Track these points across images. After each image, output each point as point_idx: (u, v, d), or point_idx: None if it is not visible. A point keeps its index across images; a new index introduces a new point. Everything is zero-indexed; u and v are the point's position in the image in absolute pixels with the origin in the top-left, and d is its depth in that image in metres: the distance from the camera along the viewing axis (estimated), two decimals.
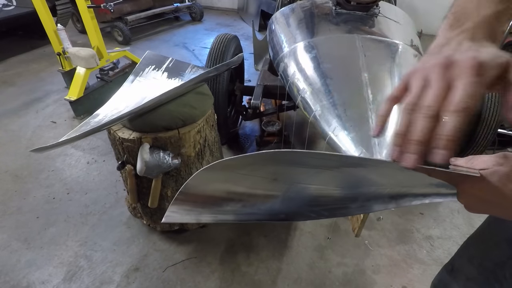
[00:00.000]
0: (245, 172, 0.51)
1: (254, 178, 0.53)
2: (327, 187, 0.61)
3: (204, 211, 0.56)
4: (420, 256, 1.53)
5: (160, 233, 1.61)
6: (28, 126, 2.47)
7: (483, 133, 1.62)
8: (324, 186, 0.61)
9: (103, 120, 1.21)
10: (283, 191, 0.59)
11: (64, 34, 2.46)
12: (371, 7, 1.52)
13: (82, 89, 2.50)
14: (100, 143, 2.27)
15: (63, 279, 1.41)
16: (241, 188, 0.55)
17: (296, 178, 0.57)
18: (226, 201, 0.57)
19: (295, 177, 0.56)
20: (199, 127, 1.30)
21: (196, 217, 0.56)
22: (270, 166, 0.51)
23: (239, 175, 0.51)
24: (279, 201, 0.61)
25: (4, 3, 3.35)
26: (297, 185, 0.58)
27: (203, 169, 0.45)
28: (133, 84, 1.44)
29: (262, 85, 1.85)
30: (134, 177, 1.32)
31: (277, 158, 0.46)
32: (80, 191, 1.87)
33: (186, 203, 0.52)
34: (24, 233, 1.62)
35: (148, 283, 1.40)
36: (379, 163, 0.45)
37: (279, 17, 1.67)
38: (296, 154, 0.44)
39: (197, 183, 0.49)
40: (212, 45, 1.86)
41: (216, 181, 0.52)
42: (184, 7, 4.92)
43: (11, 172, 2.01)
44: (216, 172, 0.48)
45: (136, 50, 3.83)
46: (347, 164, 0.53)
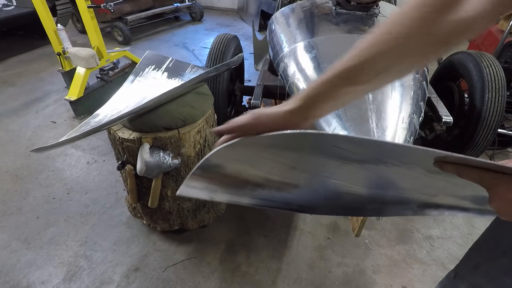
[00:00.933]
0: (266, 155, 0.49)
1: (274, 163, 0.51)
2: (348, 184, 0.58)
3: (219, 190, 0.55)
4: (420, 256, 1.53)
5: (160, 233, 1.61)
6: (28, 126, 2.47)
7: (483, 133, 1.62)
8: (345, 182, 0.58)
9: (103, 120, 1.21)
10: (301, 181, 0.57)
11: (64, 34, 2.46)
12: (371, 7, 1.53)
13: (82, 89, 2.50)
14: (100, 143, 2.27)
15: (63, 279, 1.41)
16: (259, 172, 0.53)
17: (317, 169, 0.54)
18: (243, 183, 0.55)
19: (316, 168, 0.54)
20: (199, 127, 1.30)
21: (210, 195, 0.55)
22: (292, 152, 0.49)
23: (259, 158, 0.49)
24: (296, 191, 0.59)
25: (4, 3, 3.35)
26: (316, 176, 0.56)
27: (225, 145, 0.44)
28: (133, 84, 1.44)
29: (262, 85, 1.85)
30: (134, 177, 1.32)
31: (301, 139, 0.44)
32: (80, 191, 1.87)
33: (202, 179, 0.51)
34: (24, 233, 1.62)
35: (148, 283, 1.40)
36: (416, 150, 0.38)
37: (279, 17, 1.67)
38: (322, 136, 0.43)
39: (216, 160, 0.48)
40: (212, 45, 1.86)
41: (235, 160, 0.50)
42: (184, 7, 4.92)
43: (11, 172, 2.01)
44: (237, 151, 0.47)
45: (136, 50, 3.83)
46: (378, 155, 0.48)
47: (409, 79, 1.19)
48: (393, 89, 1.11)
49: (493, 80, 1.60)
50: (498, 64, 1.66)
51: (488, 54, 1.73)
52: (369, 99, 1.06)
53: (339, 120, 1.03)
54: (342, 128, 1.01)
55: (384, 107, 1.05)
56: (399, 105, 1.08)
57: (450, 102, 1.88)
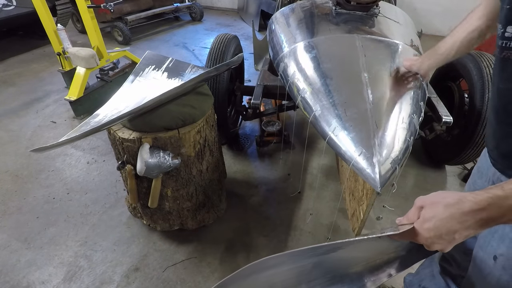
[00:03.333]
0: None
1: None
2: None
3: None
4: None
5: (160, 233, 1.61)
6: (28, 126, 2.47)
7: (483, 133, 1.62)
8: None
9: (103, 120, 1.21)
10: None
11: (64, 34, 2.46)
12: (371, 7, 1.52)
13: (82, 89, 2.50)
14: (100, 143, 2.27)
15: (63, 279, 1.41)
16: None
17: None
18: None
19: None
20: (199, 127, 1.30)
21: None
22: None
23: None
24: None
25: (4, 3, 3.35)
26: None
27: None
28: (133, 84, 1.44)
29: (262, 85, 1.85)
30: (134, 177, 1.32)
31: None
32: (80, 191, 1.87)
33: None
34: (24, 233, 1.62)
35: (148, 283, 1.40)
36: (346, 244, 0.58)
37: (279, 17, 1.67)
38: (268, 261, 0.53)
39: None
40: (212, 45, 1.86)
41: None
42: (184, 7, 4.92)
43: (11, 172, 2.01)
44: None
45: (136, 50, 3.83)
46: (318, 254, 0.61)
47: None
48: (393, 89, 1.11)
49: None
50: None
51: (488, 54, 1.73)
52: (369, 99, 1.05)
53: (339, 120, 1.03)
54: (342, 128, 1.01)
55: (384, 107, 1.05)
56: (399, 105, 1.08)
57: (450, 102, 1.88)
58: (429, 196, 0.55)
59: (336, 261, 0.67)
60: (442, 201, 0.52)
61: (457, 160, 1.86)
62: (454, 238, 0.51)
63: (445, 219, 0.50)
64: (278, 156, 2.16)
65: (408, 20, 1.67)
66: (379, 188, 0.88)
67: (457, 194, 0.52)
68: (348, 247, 0.62)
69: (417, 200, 0.57)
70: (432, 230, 0.52)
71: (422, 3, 4.46)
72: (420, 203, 0.56)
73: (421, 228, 0.53)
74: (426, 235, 0.53)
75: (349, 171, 1.57)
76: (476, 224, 0.49)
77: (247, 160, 2.14)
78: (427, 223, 0.52)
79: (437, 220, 0.51)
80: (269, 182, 1.96)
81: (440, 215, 0.51)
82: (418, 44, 1.49)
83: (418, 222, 0.54)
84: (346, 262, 0.69)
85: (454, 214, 0.50)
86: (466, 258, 0.92)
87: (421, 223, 0.53)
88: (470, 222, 0.49)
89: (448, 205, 0.51)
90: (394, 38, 1.38)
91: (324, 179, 1.97)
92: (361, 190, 1.34)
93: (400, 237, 0.57)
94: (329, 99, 1.10)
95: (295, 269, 0.63)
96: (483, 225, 0.49)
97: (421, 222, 0.54)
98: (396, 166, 0.94)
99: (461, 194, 0.51)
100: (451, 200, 0.51)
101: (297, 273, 0.65)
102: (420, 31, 2.42)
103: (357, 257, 0.69)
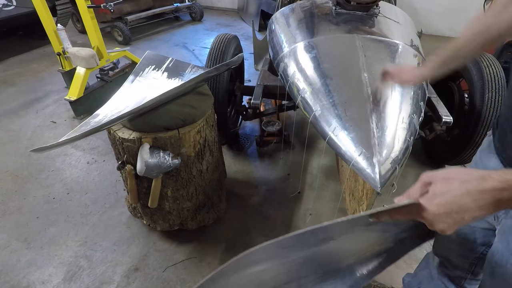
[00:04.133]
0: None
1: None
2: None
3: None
4: (420, 256, 1.52)
5: (160, 233, 1.61)
6: (28, 126, 2.47)
7: (483, 133, 1.62)
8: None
9: (103, 120, 1.21)
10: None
11: (64, 34, 2.46)
12: (371, 7, 1.52)
13: (82, 89, 2.50)
14: (100, 143, 2.27)
15: (63, 279, 1.41)
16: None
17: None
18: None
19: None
20: (199, 127, 1.30)
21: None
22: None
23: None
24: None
25: (4, 3, 3.35)
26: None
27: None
28: (133, 84, 1.44)
29: (262, 85, 1.85)
30: (134, 177, 1.32)
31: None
32: (80, 191, 1.87)
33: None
34: (24, 233, 1.62)
35: (148, 283, 1.40)
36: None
37: (279, 17, 1.67)
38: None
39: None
40: (212, 45, 1.86)
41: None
42: (184, 7, 4.92)
43: (11, 172, 2.01)
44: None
45: (136, 50, 3.83)
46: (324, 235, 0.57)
47: None
48: (393, 89, 1.11)
49: (493, 80, 1.60)
50: (498, 64, 1.66)
51: (488, 54, 1.73)
52: (369, 99, 1.06)
53: (339, 120, 1.03)
54: (342, 128, 1.01)
55: (384, 107, 1.05)
56: (399, 105, 1.08)
57: (450, 102, 1.88)
58: (441, 172, 0.51)
59: (328, 254, 0.66)
60: (459, 177, 0.48)
61: (457, 160, 1.86)
62: (463, 218, 0.48)
63: (460, 195, 0.47)
64: (278, 156, 2.16)
65: (408, 20, 1.67)
66: (379, 188, 0.88)
67: (477, 171, 0.48)
68: (339, 233, 0.60)
69: (424, 176, 0.53)
70: (442, 206, 0.48)
71: (422, 3, 4.46)
72: (428, 179, 0.52)
73: (430, 203, 0.50)
74: (434, 211, 0.49)
75: (349, 171, 1.57)
76: (490, 205, 0.46)
77: (247, 160, 2.14)
78: (439, 198, 0.49)
79: (450, 196, 0.48)
80: (269, 182, 1.96)
81: (455, 191, 0.47)
82: (418, 44, 1.49)
83: (426, 197, 0.51)
84: (337, 255, 0.68)
85: (471, 191, 0.46)
86: (463, 260, 0.91)
87: (430, 198, 0.50)
88: (486, 202, 0.46)
89: (466, 181, 0.47)
90: (394, 38, 1.38)
91: (324, 179, 1.97)
92: (361, 190, 1.34)
93: (404, 213, 0.54)
94: (329, 99, 1.10)
95: (285, 265, 0.61)
96: (497, 207, 0.46)
97: (430, 197, 0.50)
98: (396, 166, 0.94)
99: (483, 171, 0.48)
100: (470, 176, 0.47)
101: (287, 269, 0.63)
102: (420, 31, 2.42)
103: (349, 249, 0.68)
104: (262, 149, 2.21)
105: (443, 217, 0.49)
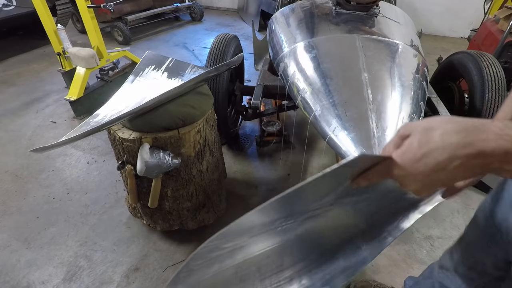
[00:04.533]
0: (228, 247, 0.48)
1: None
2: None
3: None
4: (420, 256, 1.53)
5: (160, 233, 1.61)
6: (28, 126, 2.47)
7: None
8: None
9: (103, 120, 1.21)
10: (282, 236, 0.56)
11: (64, 34, 2.46)
12: (371, 7, 1.52)
13: (82, 89, 2.50)
14: (100, 143, 2.27)
15: (63, 279, 1.41)
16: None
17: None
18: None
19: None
20: (199, 127, 1.30)
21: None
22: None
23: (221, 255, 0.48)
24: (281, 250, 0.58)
25: (4, 3, 3.35)
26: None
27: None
28: (133, 84, 1.44)
29: (262, 85, 1.85)
30: (134, 177, 1.32)
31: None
32: (80, 191, 1.87)
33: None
34: (24, 233, 1.62)
35: (148, 283, 1.40)
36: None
37: (279, 17, 1.67)
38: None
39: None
40: (212, 45, 1.86)
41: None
42: (184, 7, 4.92)
43: (11, 172, 2.01)
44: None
45: (136, 50, 3.83)
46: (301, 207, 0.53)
47: (409, 79, 1.19)
48: (393, 89, 1.11)
49: (493, 80, 1.60)
50: (498, 64, 1.66)
51: (488, 54, 1.73)
52: (369, 99, 1.06)
53: (339, 120, 1.03)
54: (342, 128, 1.01)
55: (384, 107, 1.05)
56: (399, 105, 1.08)
57: (450, 102, 1.88)
58: (422, 122, 0.41)
59: (318, 232, 0.59)
60: (442, 126, 0.38)
61: None
62: (439, 179, 0.39)
63: (438, 149, 0.37)
64: (278, 156, 2.16)
65: (408, 20, 1.67)
66: None
67: (468, 120, 0.38)
68: (322, 201, 0.54)
69: (401, 128, 0.44)
70: (416, 161, 0.39)
71: (422, 3, 4.46)
72: (407, 131, 0.42)
73: (402, 157, 0.41)
74: (406, 166, 0.40)
75: None
76: (478, 167, 0.37)
77: (247, 160, 2.14)
78: (413, 151, 0.40)
79: (427, 149, 0.38)
80: (269, 182, 1.96)
81: (434, 144, 0.38)
82: (418, 44, 1.49)
83: (399, 150, 0.42)
84: (330, 232, 0.62)
85: (454, 146, 0.36)
86: (470, 273, 0.89)
87: (403, 151, 0.41)
88: (473, 162, 0.36)
89: (451, 132, 0.37)
90: (394, 38, 1.38)
91: None
92: None
93: (377, 173, 0.45)
94: (329, 99, 1.10)
95: (270, 252, 0.55)
96: (487, 170, 0.37)
97: (404, 149, 0.41)
98: None
99: (476, 121, 0.38)
100: (456, 126, 0.37)
101: (276, 254, 0.56)
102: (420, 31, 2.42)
103: (340, 225, 0.62)
104: (262, 149, 2.21)
105: (416, 175, 0.40)
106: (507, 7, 2.53)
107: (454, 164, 0.37)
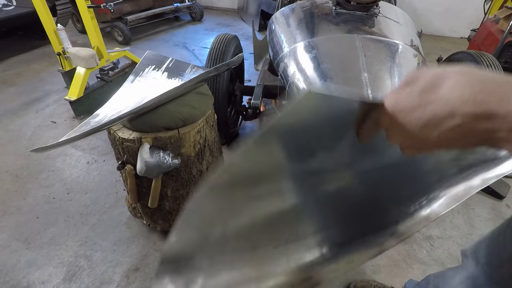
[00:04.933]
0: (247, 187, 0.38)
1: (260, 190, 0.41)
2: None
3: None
4: (420, 256, 1.53)
5: (160, 233, 1.61)
6: (28, 126, 2.47)
7: None
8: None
9: (103, 120, 1.21)
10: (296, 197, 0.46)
11: (64, 34, 2.46)
12: (371, 7, 1.52)
13: (82, 89, 2.50)
14: (100, 143, 2.27)
15: (63, 279, 1.41)
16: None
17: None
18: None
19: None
20: (199, 127, 1.30)
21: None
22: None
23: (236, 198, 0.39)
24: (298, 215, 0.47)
25: (4, 3, 3.35)
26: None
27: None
28: (133, 84, 1.44)
29: (262, 85, 1.85)
30: (134, 177, 1.32)
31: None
32: (80, 191, 1.87)
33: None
34: (24, 233, 1.62)
35: (148, 283, 1.40)
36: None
37: (279, 17, 1.67)
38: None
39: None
40: (212, 45, 1.86)
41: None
42: (184, 7, 4.92)
43: (11, 172, 2.01)
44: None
45: (136, 50, 3.83)
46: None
47: None
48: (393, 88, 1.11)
49: None
50: (498, 64, 1.66)
51: (488, 54, 1.73)
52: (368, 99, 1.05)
53: None
54: None
55: None
56: None
57: None
58: (434, 69, 0.33)
59: (342, 201, 0.50)
60: (458, 77, 0.30)
61: None
62: (428, 139, 0.32)
63: (444, 101, 0.30)
64: None
65: (408, 20, 1.67)
66: None
67: (490, 74, 0.30)
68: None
69: (410, 73, 0.36)
70: (410, 111, 0.33)
71: (422, 3, 4.46)
72: (413, 77, 0.35)
73: (396, 103, 0.35)
74: (397, 115, 0.34)
75: None
76: (481, 137, 0.30)
77: None
78: (410, 99, 0.33)
79: (431, 100, 0.31)
80: None
81: (442, 94, 0.31)
82: (418, 44, 1.49)
83: (394, 95, 0.36)
84: (359, 203, 0.52)
85: (467, 101, 0.29)
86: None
87: (399, 97, 0.35)
88: (481, 127, 0.29)
89: (472, 84, 0.29)
90: (394, 38, 1.38)
91: None
92: None
93: (371, 123, 0.40)
94: None
95: (285, 215, 0.44)
96: (489, 142, 0.30)
97: (400, 96, 0.35)
98: None
99: (496, 77, 0.30)
100: (475, 79, 0.29)
101: (293, 218, 0.45)
102: (420, 31, 2.42)
103: (372, 195, 0.52)
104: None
105: (404, 127, 0.34)
106: (507, 7, 2.53)
107: (453, 123, 0.30)
